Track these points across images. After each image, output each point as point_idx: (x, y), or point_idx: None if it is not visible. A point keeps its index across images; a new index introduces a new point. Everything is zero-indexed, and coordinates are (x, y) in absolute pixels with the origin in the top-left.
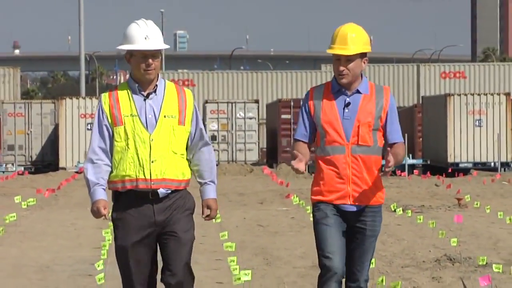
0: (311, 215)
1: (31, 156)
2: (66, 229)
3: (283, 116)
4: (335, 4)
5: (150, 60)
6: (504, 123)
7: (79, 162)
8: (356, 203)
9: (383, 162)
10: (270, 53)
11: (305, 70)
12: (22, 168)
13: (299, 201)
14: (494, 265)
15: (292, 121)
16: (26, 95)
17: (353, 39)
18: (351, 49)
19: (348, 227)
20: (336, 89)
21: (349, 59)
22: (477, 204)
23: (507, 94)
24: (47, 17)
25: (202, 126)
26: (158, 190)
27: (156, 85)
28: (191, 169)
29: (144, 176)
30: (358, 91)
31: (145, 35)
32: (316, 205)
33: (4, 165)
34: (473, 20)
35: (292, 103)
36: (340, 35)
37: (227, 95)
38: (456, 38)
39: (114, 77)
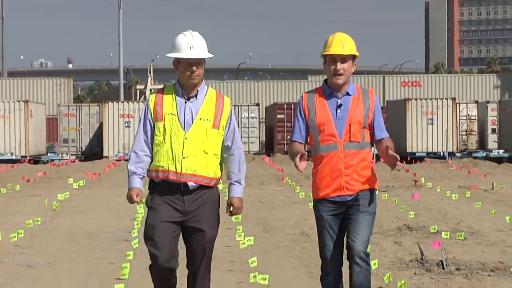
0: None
1: (81, 147)
2: (109, 205)
3: (278, 116)
4: (320, 30)
5: (194, 68)
6: (451, 121)
7: (119, 152)
8: (350, 193)
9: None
10: (268, 66)
11: (295, 80)
12: (74, 157)
13: (291, 182)
14: (443, 232)
15: (285, 119)
16: (77, 99)
17: (347, 43)
18: (346, 50)
19: (345, 212)
20: (328, 92)
21: (344, 59)
22: (429, 185)
23: (453, 99)
24: (94, 39)
25: (236, 132)
26: (189, 183)
27: (198, 90)
28: (223, 169)
29: (175, 169)
30: (347, 93)
31: (191, 45)
32: (315, 203)
33: (60, 154)
34: (427, 41)
35: (285, 106)
36: (336, 40)
37: (234, 100)
38: (413, 55)
39: (146, 84)
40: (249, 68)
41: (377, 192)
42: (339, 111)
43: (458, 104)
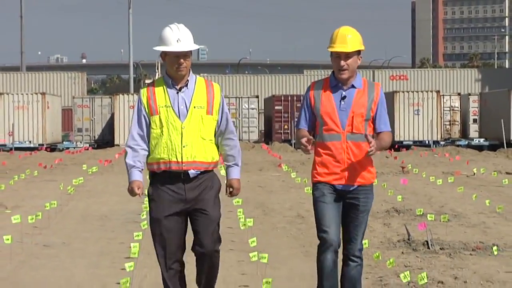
0: (311, 194)
1: (94, 136)
2: (119, 189)
3: (276, 107)
4: (315, 28)
5: (182, 60)
6: (435, 112)
7: None
8: (350, 183)
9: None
10: (266, 61)
11: (292, 74)
12: (88, 145)
13: (288, 168)
14: (428, 215)
15: (282, 110)
16: (90, 92)
17: (351, 38)
18: (350, 47)
19: (344, 203)
20: (334, 83)
21: (348, 55)
22: (416, 171)
23: (437, 91)
24: (106, 36)
25: (229, 116)
26: (189, 171)
27: (188, 80)
28: (219, 153)
29: (176, 159)
30: (353, 86)
31: (177, 38)
32: (315, 185)
33: (75, 142)
34: (413, 38)
35: (282, 98)
36: (340, 35)
37: (235, 92)
38: (401, 51)
39: (154, 78)
40: (249, 63)
41: (375, 182)
42: (342, 102)
43: (442, 96)
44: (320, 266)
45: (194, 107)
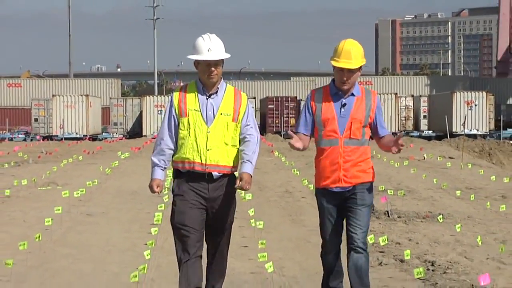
0: (315, 199)
1: (126, 129)
2: (147, 170)
3: (269, 106)
4: (298, 45)
5: (213, 68)
6: (394, 110)
7: (154, 132)
8: (347, 185)
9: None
10: (262, 70)
11: (282, 80)
12: (122, 136)
13: (278, 154)
14: (388, 190)
15: (274, 109)
16: (123, 94)
17: (355, 54)
18: (354, 63)
19: (344, 202)
20: (334, 91)
21: (351, 71)
22: (378, 156)
23: (395, 94)
24: (136, 50)
25: (254, 123)
26: (213, 173)
27: (218, 88)
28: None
29: (200, 160)
30: (352, 94)
31: (208, 48)
32: (317, 191)
33: (111, 134)
34: (376, 52)
35: (274, 99)
36: (344, 50)
37: None
38: (366, 61)
39: (174, 84)
40: (248, 71)
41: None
42: (343, 110)
43: (399, 98)
44: (323, 263)
45: (221, 113)
